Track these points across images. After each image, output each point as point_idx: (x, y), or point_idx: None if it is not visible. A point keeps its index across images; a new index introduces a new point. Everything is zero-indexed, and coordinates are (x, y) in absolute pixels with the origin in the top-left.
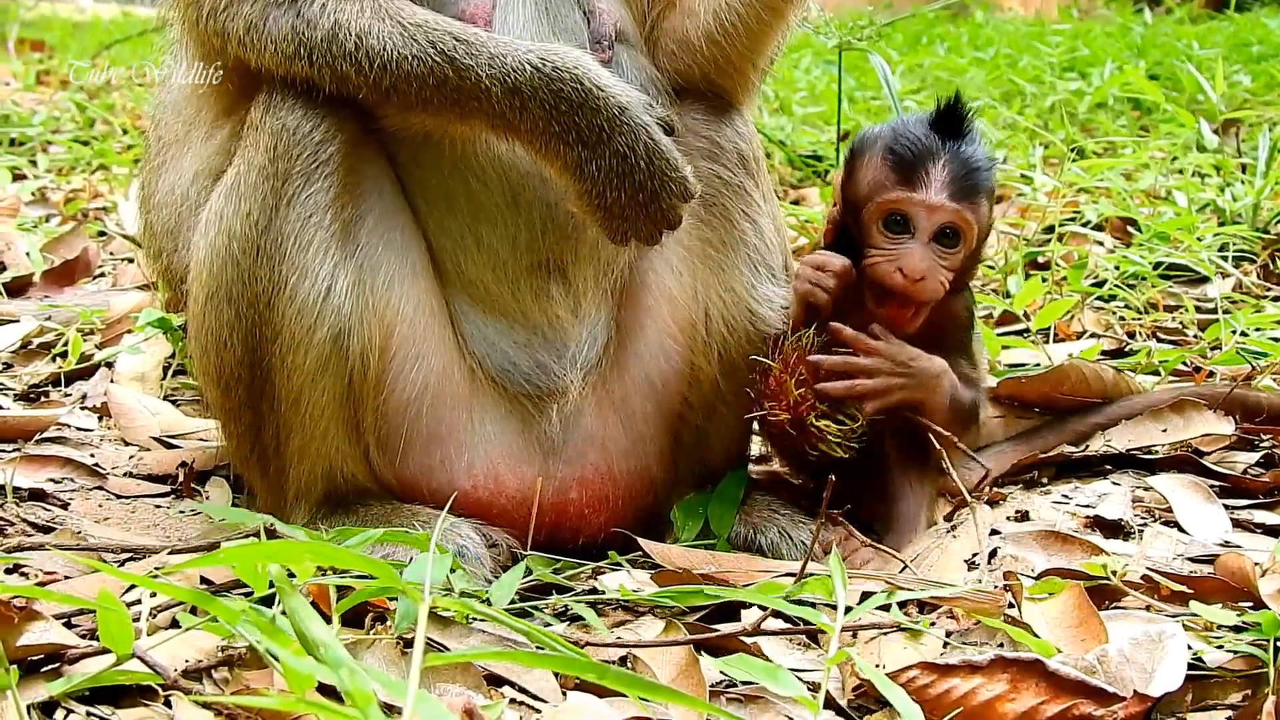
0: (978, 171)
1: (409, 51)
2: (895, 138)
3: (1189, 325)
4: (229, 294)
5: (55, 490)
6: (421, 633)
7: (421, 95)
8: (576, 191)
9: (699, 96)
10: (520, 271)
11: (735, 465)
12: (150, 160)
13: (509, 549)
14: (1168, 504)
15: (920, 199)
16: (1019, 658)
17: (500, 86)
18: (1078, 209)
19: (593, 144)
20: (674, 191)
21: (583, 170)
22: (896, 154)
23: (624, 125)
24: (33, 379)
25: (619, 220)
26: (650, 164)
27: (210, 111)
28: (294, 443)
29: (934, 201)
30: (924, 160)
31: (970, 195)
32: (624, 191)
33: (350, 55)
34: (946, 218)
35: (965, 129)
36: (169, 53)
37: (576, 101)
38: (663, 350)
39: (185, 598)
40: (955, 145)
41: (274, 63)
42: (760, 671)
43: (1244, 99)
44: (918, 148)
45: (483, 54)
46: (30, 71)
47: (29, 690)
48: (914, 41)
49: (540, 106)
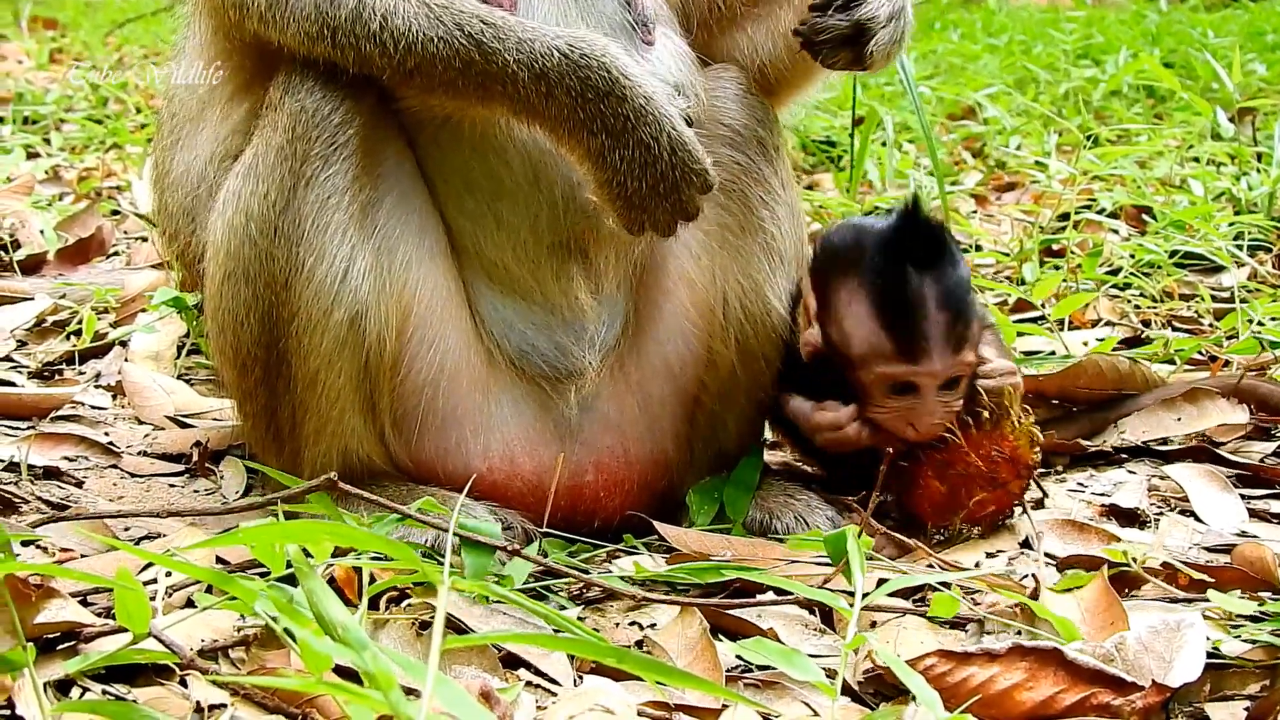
0: (965, 302)
1: (435, 33)
2: (873, 276)
3: (1204, 314)
4: (246, 274)
5: (70, 468)
6: (441, 616)
7: (445, 77)
8: (598, 180)
9: (721, 83)
10: (541, 251)
11: (750, 450)
12: (164, 137)
13: (524, 531)
14: (1184, 493)
15: (925, 370)
16: (1037, 646)
17: (527, 72)
18: (1092, 196)
19: (617, 133)
20: (694, 183)
21: (605, 159)
22: (884, 311)
23: (649, 115)
24: (47, 357)
25: (638, 210)
26: (673, 155)
27: (227, 88)
28: (310, 423)
29: (939, 370)
30: (918, 323)
31: (967, 338)
32: (645, 181)
33: (374, 35)
34: (951, 373)
35: (942, 248)
36: (183, 25)
37: (603, 90)
38: (680, 334)
39: (203, 577)
40: (938, 282)
41: (295, 40)
42: (777, 655)
43: (1259, 87)
44: (904, 302)
45: (510, 38)
46: (43, 50)
47: (45, 668)
48: (927, 27)
49: (566, 93)
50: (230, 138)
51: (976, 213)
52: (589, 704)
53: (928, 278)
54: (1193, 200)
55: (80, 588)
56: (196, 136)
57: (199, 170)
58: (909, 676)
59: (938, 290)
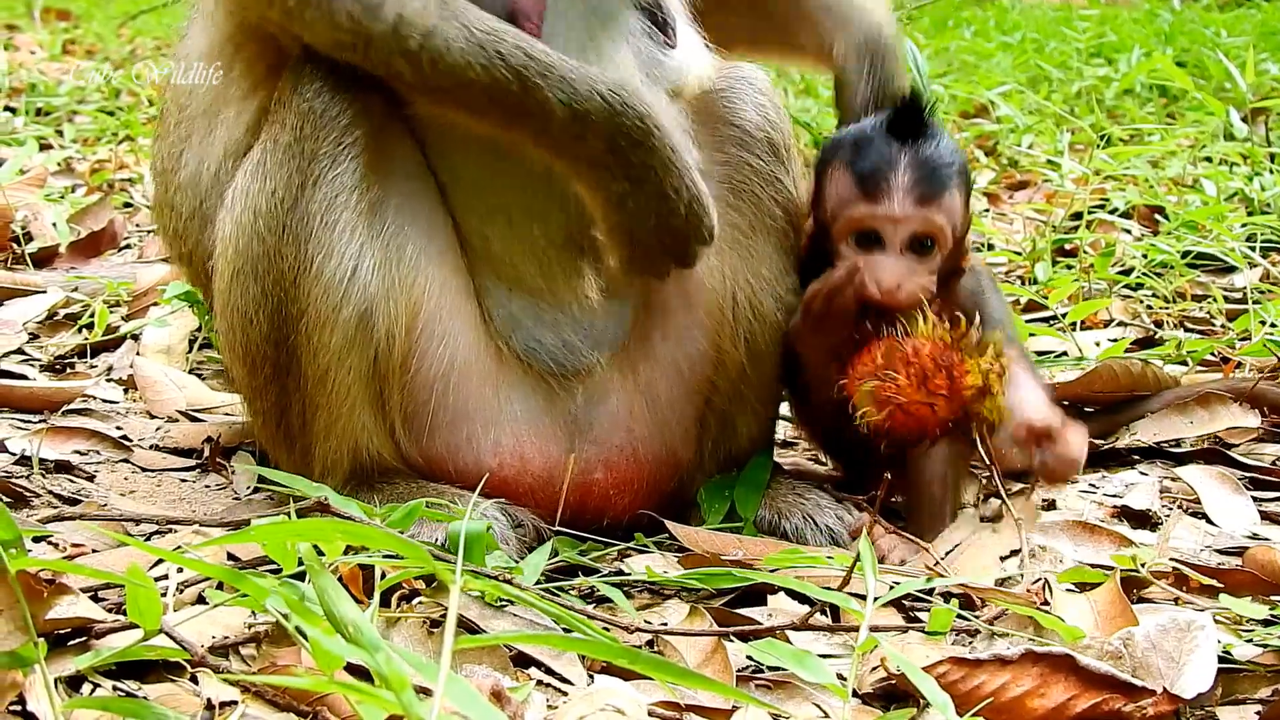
0: (940, 170)
1: (475, 60)
2: (854, 148)
3: (1217, 315)
4: (255, 271)
5: (81, 462)
6: (453, 615)
7: (477, 103)
8: (609, 223)
9: (731, 83)
10: (552, 249)
11: (760, 450)
12: (169, 131)
13: (535, 529)
14: (1195, 495)
15: (884, 213)
16: (1049, 652)
17: (566, 111)
18: (1105, 196)
19: (639, 181)
20: (699, 237)
21: (623, 205)
22: (856, 167)
23: (673, 168)
24: (59, 350)
25: (642, 256)
26: (689, 208)
27: (242, 85)
28: (320, 420)
29: (898, 214)
30: (883, 171)
31: (935, 197)
32: (657, 230)
33: (410, 54)
34: (914, 226)
35: (924, 128)
36: (193, 16)
37: (636, 139)
38: (690, 334)
39: (214, 574)
40: (914, 148)
41: (324, 44)
42: (789, 657)
43: (1272, 87)
44: (876, 158)
45: (553, 76)
46: (56, 41)
47: (56, 664)
48: (940, 25)
49: (599, 138)
50: (244, 139)
51: (989, 211)
52: (600, 704)
53: (905, 145)
54: (1205, 200)
55: (91, 583)
56: (209, 136)
57: (211, 174)
58: (921, 680)
59: (912, 154)
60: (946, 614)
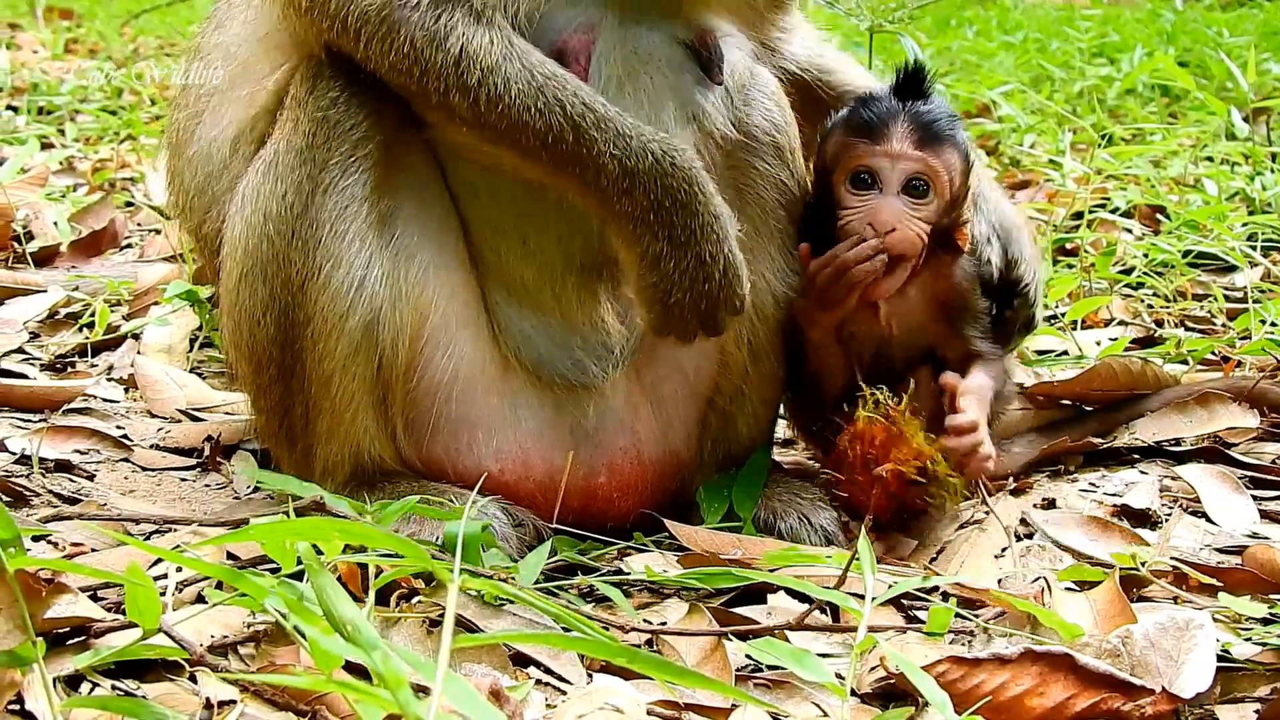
0: (938, 122)
1: (534, 103)
2: (857, 104)
3: (1217, 314)
4: (263, 273)
5: (81, 461)
6: (451, 614)
7: (527, 145)
8: (645, 282)
9: (736, 88)
10: (569, 273)
11: (760, 448)
12: (189, 104)
13: (535, 529)
14: (1195, 494)
15: (882, 150)
16: (1048, 651)
17: (617, 166)
18: (1106, 195)
19: (679, 244)
20: (730, 305)
21: (660, 265)
22: (858, 116)
23: (714, 234)
24: (59, 349)
25: (673, 318)
26: (724, 275)
27: (262, 67)
28: (323, 423)
29: (896, 150)
30: (884, 117)
31: (933, 143)
32: (690, 294)
33: (469, 89)
34: (912, 166)
35: (925, 91)
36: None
37: (680, 201)
38: None
39: (213, 573)
40: (915, 104)
41: (378, 66)
42: (788, 656)
43: (1274, 87)
44: (878, 108)
45: (609, 129)
46: (59, 40)
47: (55, 663)
48: (943, 25)
49: (646, 195)
50: (257, 121)
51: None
52: (599, 703)
53: (904, 102)
54: (1206, 200)
55: (90, 582)
56: (221, 111)
57: (222, 153)
58: (920, 678)
59: (913, 106)
60: (945, 613)
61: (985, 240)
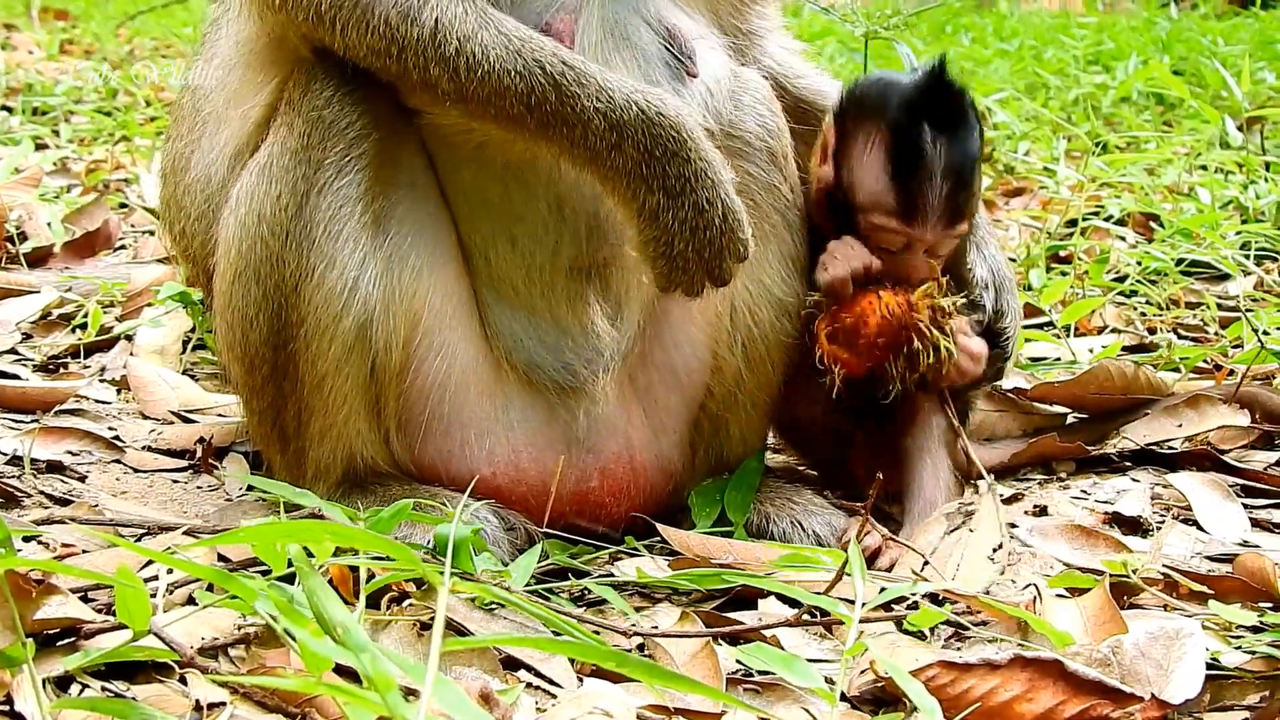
0: (971, 178)
1: (512, 66)
2: (893, 148)
3: (1210, 322)
4: (257, 274)
5: (73, 463)
6: (440, 618)
7: (511, 111)
8: (646, 237)
9: (724, 93)
10: (557, 275)
11: (753, 453)
12: (183, 134)
13: (527, 533)
14: (1186, 501)
15: (917, 234)
16: (1038, 657)
17: (603, 120)
18: (1100, 203)
19: (675, 193)
20: (734, 252)
21: (658, 217)
22: (895, 178)
23: (708, 180)
24: (52, 350)
25: (678, 271)
26: (724, 221)
27: (254, 86)
28: (315, 424)
29: (930, 238)
30: (922, 189)
31: (962, 216)
32: (692, 244)
33: (448, 60)
34: (939, 239)
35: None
36: (213, 20)
37: (671, 150)
38: (688, 340)
39: (203, 575)
40: (950, 150)
41: (356, 51)
42: (778, 661)
43: (1268, 96)
44: (916, 173)
45: (590, 84)
46: (54, 41)
47: (45, 664)
48: (939, 31)
49: (635, 147)
50: (253, 135)
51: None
52: (589, 707)
53: (942, 141)
54: (1200, 208)
55: (81, 584)
56: (219, 135)
57: (220, 174)
58: (908, 684)
59: (949, 157)
60: (931, 613)
61: (984, 285)
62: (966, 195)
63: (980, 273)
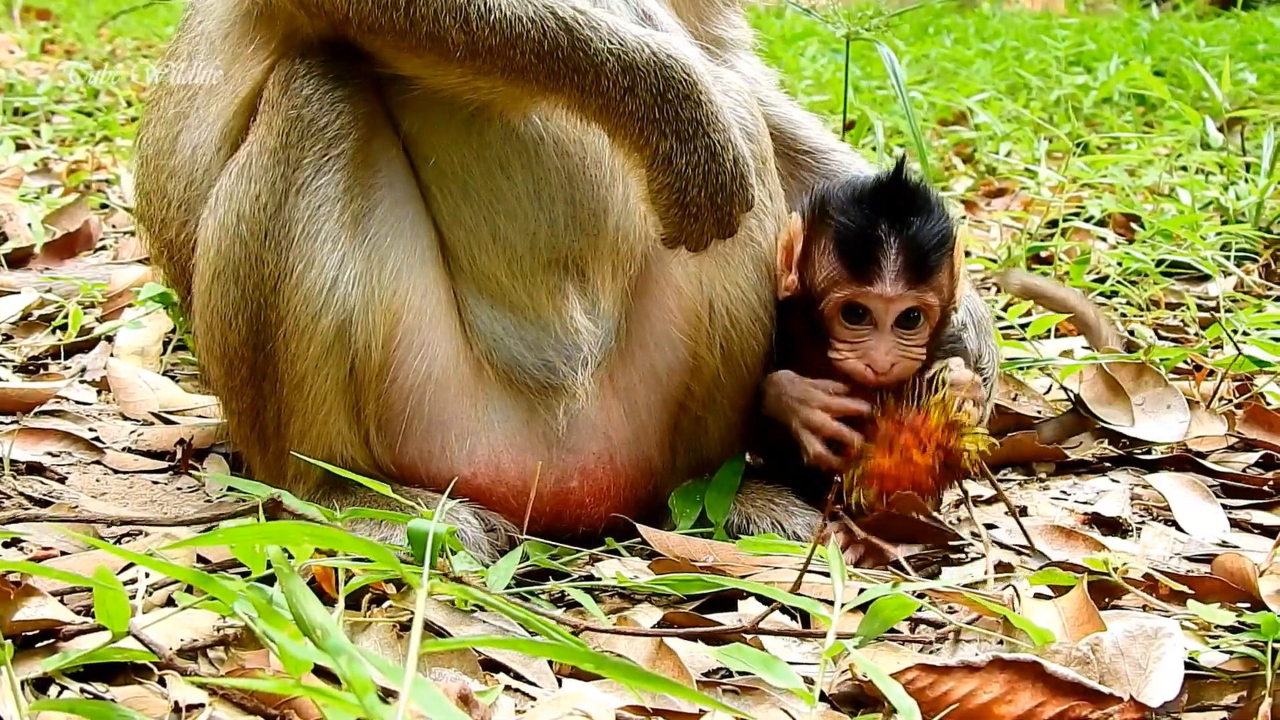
0: (932, 252)
1: (524, 12)
2: (843, 228)
3: (1190, 323)
4: (236, 274)
5: (53, 464)
6: (419, 619)
7: (522, 61)
8: (658, 185)
9: None
10: (537, 267)
11: (732, 454)
12: (164, 117)
13: (507, 534)
14: (1166, 502)
15: (876, 293)
16: (1017, 659)
17: (616, 63)
18: (1081, 204)
19: (686, 137)
20: (742, 199)
21: (671, 162)
22: (846, 246)
23: (719, 124)
24: (32, 351)
25: (690, 220)
26: (735, 166)
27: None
28: (295, 425)
29: (890, 294)
30: (874, 252)
31: (927, 276)
32: (705, 189)
33: (459, 9)
34: (905, 305)
35: (916, 203)
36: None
37: (683, 92)
38: (668, 340)
39: (183, 577)
40: (905, 228)
41: (363, 6)
42: (757, 662)
43: (1249, 97)
44: (866, 239)
45: (602, 27)
46: (35, 40)
47: (23, 666)
48: (921, 32)
49: (648, 90)
50: (236, 117)
51: (966, 218)
52: (568, 708)
53: (895, 223)
54: (1181, 209)
55: (60, 586)
56: (207, 116)
57: (205, 158)
58: (887, 685)
59: (903, 233)
60: (901, 604)
61: (961, 326)
62: (927, 259)
63: (959, 316)
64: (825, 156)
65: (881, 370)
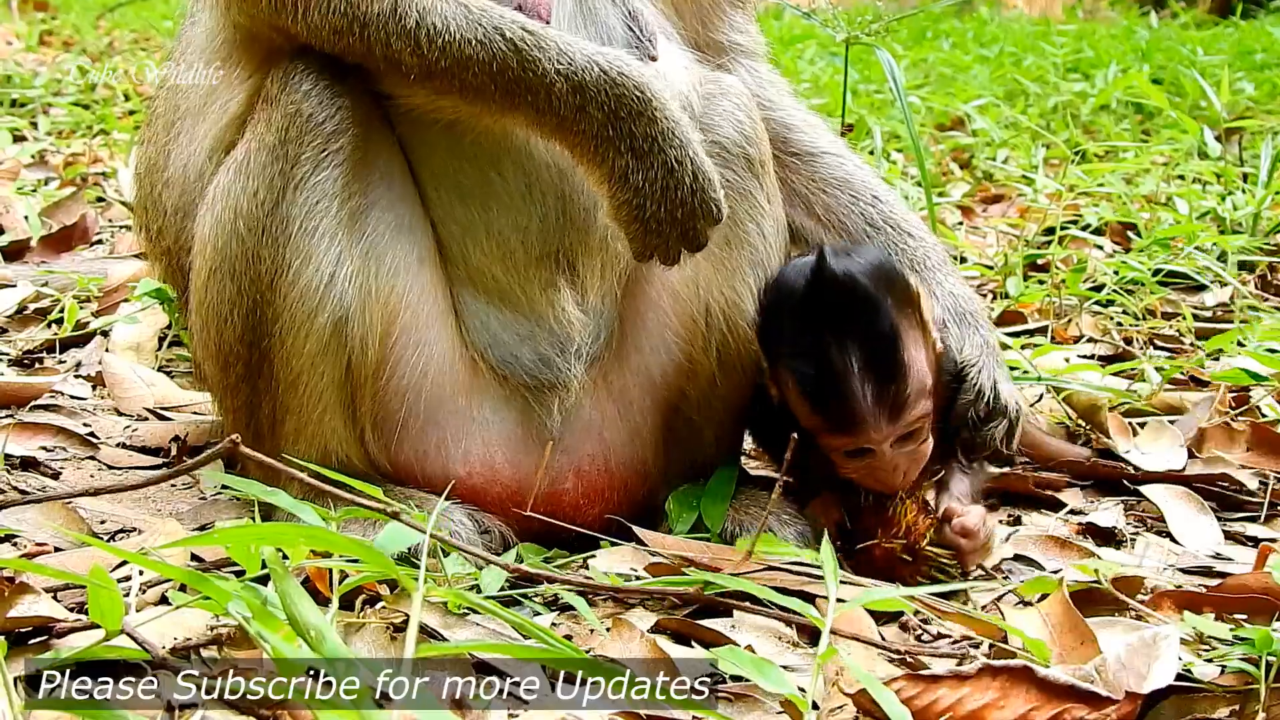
0: (896, 368)
1: (473, 35)
2: (804, 377)
3: (1186, 333)
4: (232, 271)
5: (47, 459)
6: (414, 623)
7: (475, 82)
8: (617, 201)
9: (711, 99)
10: (529, 262)
11: (727, 458)
12: (160, 131)
13: (501, 536)
14: (1160, 514)
15: (866, 440)
16: (1007, 666)
17: (565, 83)
18: (1078, 212)
19: (642, 154)
20: (708, 212)
21: (628, 179)
22: (818, 400)
23: (675, 140)
24: (28, 345)
25: (653, 235)
26: (694, 181)
27: (230, 81)
28: (290, 423)
29: (880, 436)
30: (849, 403)
31: (903, 401)
32: (664, 205)
33: (409, 33)
34: (899, 434)
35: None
36: (188, 15)
37: (636, 110)
38: (663, 343)
39: (177, 576)
40: (860, 347)
41: (319, 33)
42: (750, 666)
43: (1247, 107)
44: (834, 387)
45: (550, 48)
46: (33, 32)
47: (16, 663)
48: (919, 36)
49: (600, 109)
50: (229, 132)
51: (962, 224)
52: (560, 712)
53: (846, 343)
54: (1178, 218)
55: (54, 583)
56: (197, 131)
57: (197, 169)
58: (880, 692)
59: (860, 355)
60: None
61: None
62: (898, 381)
63: (938, 311)
64: (812, 160)
65: (896, 487)
